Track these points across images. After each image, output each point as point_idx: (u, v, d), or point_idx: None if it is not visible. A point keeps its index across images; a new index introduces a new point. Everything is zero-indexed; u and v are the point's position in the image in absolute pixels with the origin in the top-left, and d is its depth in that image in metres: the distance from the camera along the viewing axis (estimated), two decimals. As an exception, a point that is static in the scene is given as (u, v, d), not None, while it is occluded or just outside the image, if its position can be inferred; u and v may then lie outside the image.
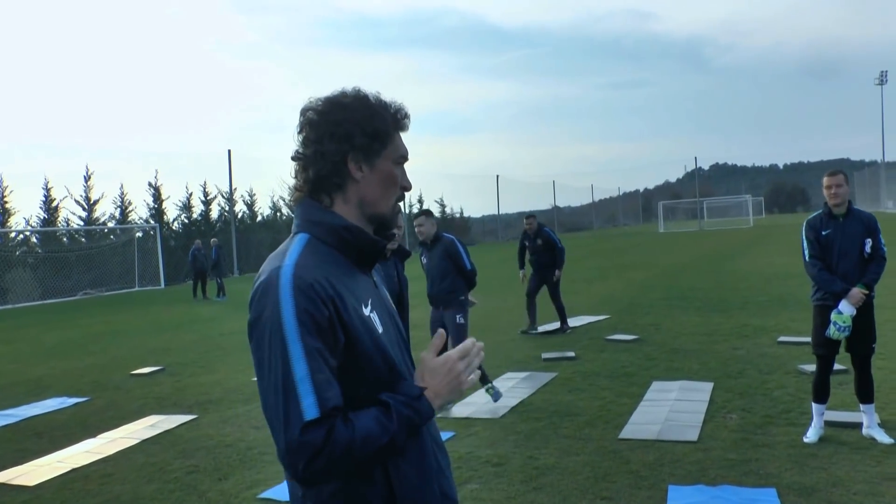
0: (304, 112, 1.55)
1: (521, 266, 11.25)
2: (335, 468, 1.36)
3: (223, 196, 36.38)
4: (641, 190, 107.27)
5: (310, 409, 1.34)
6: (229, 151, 33.63)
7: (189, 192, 36.03)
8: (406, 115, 1.61)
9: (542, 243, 10.92)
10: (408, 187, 1.64)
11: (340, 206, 1.56)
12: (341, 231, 1.53)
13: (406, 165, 1.66)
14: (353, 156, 1.53)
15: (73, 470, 5.61)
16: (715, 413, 6.00)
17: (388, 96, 1.60)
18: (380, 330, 1.52)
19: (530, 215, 11.19)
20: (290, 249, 1.49)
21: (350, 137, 1.51)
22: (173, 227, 35.06)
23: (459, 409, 6.64)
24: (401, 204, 1.72)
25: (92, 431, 6.75)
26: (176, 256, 31.68)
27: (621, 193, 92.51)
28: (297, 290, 1.40)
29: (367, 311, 1.51)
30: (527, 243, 11.11)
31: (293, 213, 1.61)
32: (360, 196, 1.56)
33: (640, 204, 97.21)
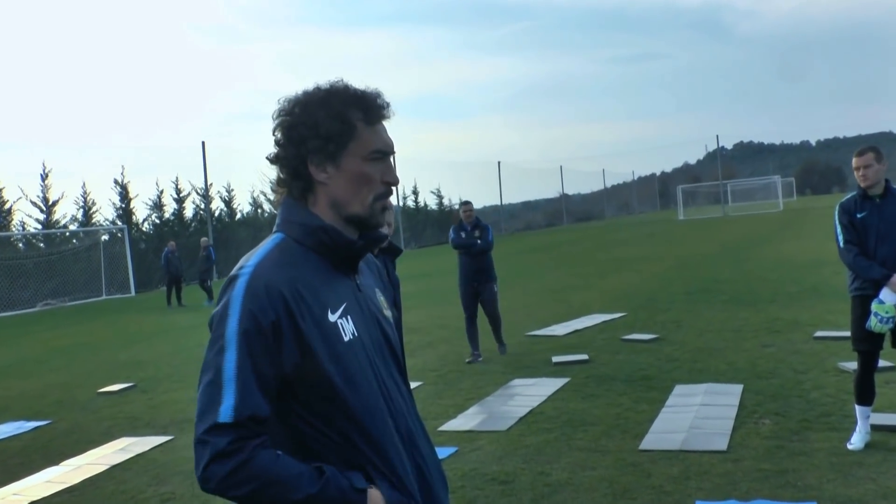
0: (274, 113, 1.66)
1: None
2: (233, 485, 1.43)
3: (198, 192, 36.37)
4: (658, 173, 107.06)
5: (225, 412, 1.44)
6: (203, 143, 33.61)
7: (160, 189, 35.96)
8: (381, 106, 1.66)
9: (478, 236, 9.23)
10: (392, 181, 1.68)
11: (313, 208, 1.65)
12: (318, 232, 1.60)
13: (397, 155, 1.73)
14: (312, 159, 1.61)
15: (33, 503, 5.55)
16: (746, 419, 5.97)
17: (364, 84, 1.67)
18: (346, 338, 1.58)
19: (466, 202, 9.55)
20: (260, 249, 1.60)
21: (303, 141, 1.60)
22: (143, 229, 35.01)
23: (462, 422, 6.60)
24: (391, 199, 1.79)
25: (54, 458, 6.70)
26: (147, 260, 31.68)
27: (636, 178, 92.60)
28: (248, 290, 1.50)
29: (333, 318, 1.58)
30: (462, 234, 9.30)
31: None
32: (330, 197, 1.63)
33: (657, 189, 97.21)
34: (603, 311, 12.43)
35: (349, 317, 1.60)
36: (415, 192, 52.22)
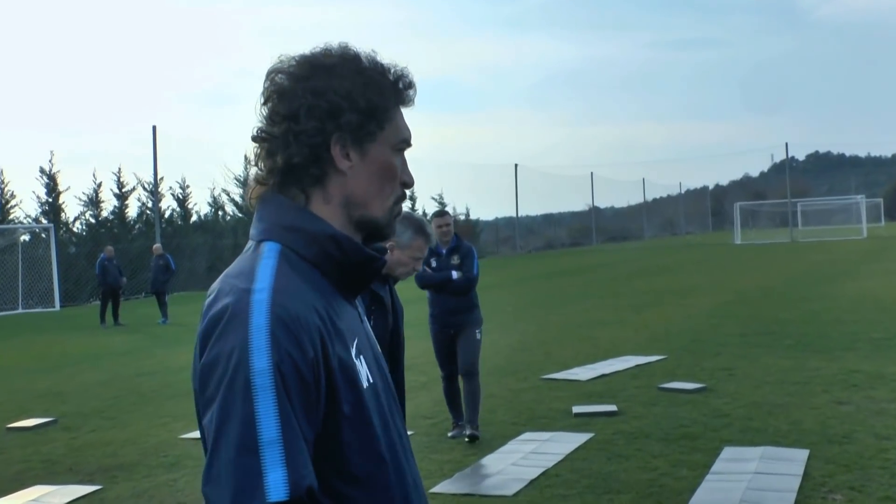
0: (271, 75, 1.53)
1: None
2: None
3: (145, 188, 36.58)
4: (711, 187, 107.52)
5: (276, 486, 1.27)
6: (154, 128, 33.62)
7: (97, 182, 36.22)
8: (410, 85, 1.60)
9: (458, 263, 8.03)
10: (409, 182, 1.62)
11: (319, 206, 1.53)
12: (326, 242, 1.49)
13: (407, 153, 1.65)
14: (338, 138, 1.50)
15: (-77, 560, 5.54)
16: (811, 492, 5.94)
17: (385, 57, 1.58)
18: (365, 384, 1.48)
19: (442, 212, 8.90)
20: (261, 266, 1.45)
21: (336, 114, 1.49)
22: (74, 229, 35.20)
23: (459, 484, 6.59)
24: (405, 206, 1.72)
25: (-49, 507, 6.68)
26: (78, 267, 31.72)
27: (683, 191, 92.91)
28: (279, 323, 1.36)
29: (354, 357, 1.48)
30: (433, 262, 8.00)
31: (254, 212, 1.57)
32: (345, 193, 1.53)
33: (709, 205, 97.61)
34: (637, 352, 12.41)
35: (362, 357, 1.51)
36: (412, 198, 52.41)
